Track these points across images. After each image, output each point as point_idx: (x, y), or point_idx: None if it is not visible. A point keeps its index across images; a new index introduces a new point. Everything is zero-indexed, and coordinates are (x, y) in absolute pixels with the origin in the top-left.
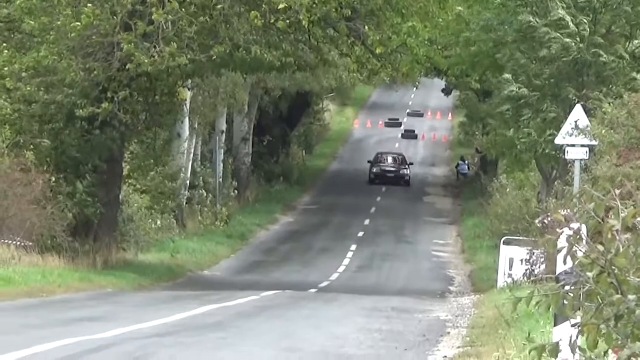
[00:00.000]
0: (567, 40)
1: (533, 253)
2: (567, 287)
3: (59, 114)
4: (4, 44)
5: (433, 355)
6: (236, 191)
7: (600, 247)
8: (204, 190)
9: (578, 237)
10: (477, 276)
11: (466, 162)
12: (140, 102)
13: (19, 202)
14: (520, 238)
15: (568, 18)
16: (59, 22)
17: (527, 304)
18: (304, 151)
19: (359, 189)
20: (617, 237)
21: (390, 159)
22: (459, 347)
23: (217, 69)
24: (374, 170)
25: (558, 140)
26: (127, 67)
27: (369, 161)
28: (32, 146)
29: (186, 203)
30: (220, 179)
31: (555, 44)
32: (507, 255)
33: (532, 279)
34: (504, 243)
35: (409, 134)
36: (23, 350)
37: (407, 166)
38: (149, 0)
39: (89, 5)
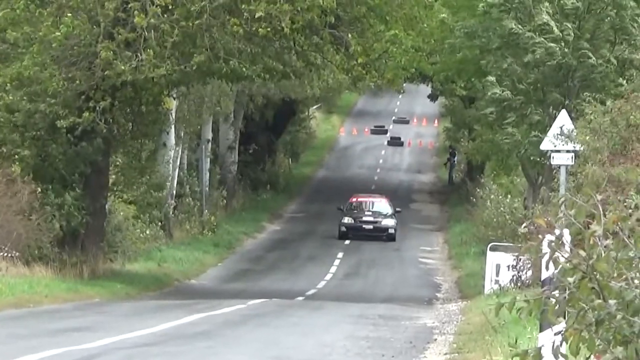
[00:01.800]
0: (552, 45)
1: (520, 259)
2: (549, 293)
3: (42, 122)
4: None
5: None
6: (224, 200)
7: (582, 253)
8: (190, 199)
9: (560, 242)
10: (464, 283)
11: (454, 152)
12: (125, 112)
13: (5, 213)
14: (507, 244)
15: (552, 23)
16: (40, 33)
17: (509, 310)
18: (290, 159)
19: (346, 196)
20: (599, 243)
21: (369, 205)
22: (445, 353)
23: (202, 77)
24: (346, 221)
25: (544, 145)
26: (105, 74)
27: (339, 208)
28: (16, 157)
29: (173, 212)
30: (207, 188)
31: (539, 49)
32: (494, 261)
33: (519, 285)
34: (490, 249)
35: (395, 141)
36: None
37: (392, 214)
38: (131, 7)
39: (69, 15)
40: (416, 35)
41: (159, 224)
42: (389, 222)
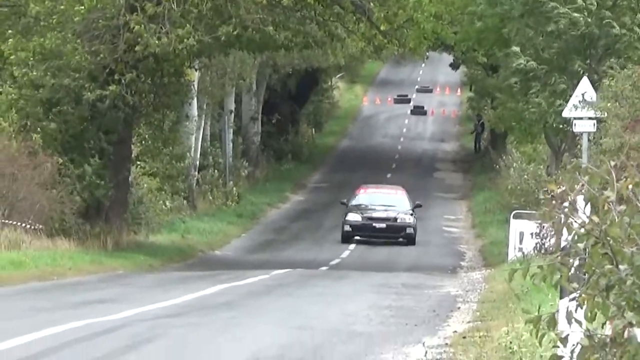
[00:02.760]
0: (576, 14)
1: (543, 226)
2: (563, 259)
3: (67, 97)
4: (10, 31)
5: (443, 330)
6: (246, 171)
7: (596, 219)
8: (214, 170)
9: (573, 208)
10: (488, 251)
11: (481, 121)
12: (148, 83)
13: (28, 186)
14: (531, 212)
15: None
16: (62, 7)
17: (524, 276)
18: (313, 129)
19: (369, 165)
20: (613, 209)
21: (380, 199)
22: (469, 322)
23: (224, 48)
24: (351, 218)
25: (565, 113)
26: (135, 48)
27: (342, 202)
28: (39, 129)
29: (196, 184)
30: (230, 159)
31: (563, 19)
32: (518, 229)
33: (542, 252)
34: (514, 217)
35: (418, 110)
36: (34, 333)
37: (411, 211)
38: None
39: None
40: (438, 2)
41: (183, 195)
42: (407, 220)
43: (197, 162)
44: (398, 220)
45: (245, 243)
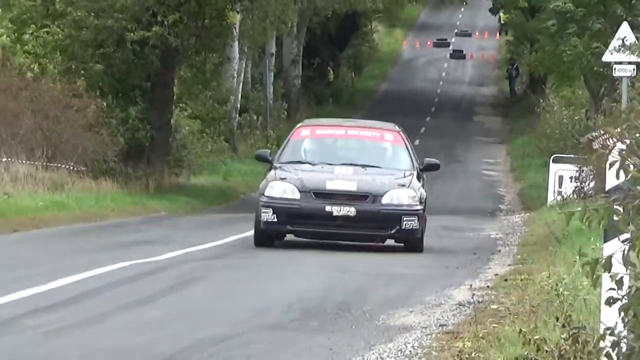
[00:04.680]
0: None
1: (582, 170)
2: (618, 202)
3: (110, 38)
4: None
5: (484, 273)
6: (286, 113)
7: None
8: (255, 113)
9: (631, 151)
10: (527, 194)
11: (515, 64)
12: (190, 26)
13: (72, 128)
14: (570, 156)
15: None
16: None
17: (580, 219)
18: (353, 72)
19: (409, 109)
20: None
21: (347, 152)
22: (509, 264)
23: None
24: (276, 194)
25: (605, 57)
26: None
27: (259, 155)
28: (83, 72)
29: (237, 127)
30: (271, 102)
31: None
32: (557, 172)
33: (581, 196)
34: (553, 161)
35: (458, 54)
36: (77, 274)
37: (416, 178)
38: None
39: None
40: None
41: (224, 137)
42: (405, 199)
43: (239, 105)
44: (383, 200)
45: None
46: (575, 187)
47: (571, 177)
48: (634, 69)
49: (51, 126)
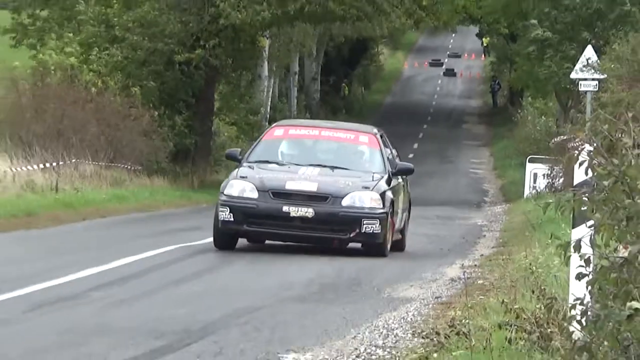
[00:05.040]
0: None
1: (553, 169)
2: (586, 194)
3: (160, 59)
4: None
5: (472, 254)
6: None
7: (615, 161)
8: None
9: (597, 152)
10: (507, 189)
11: (497, 80)
12: (227, 49)
13: (130, 134)
14: (542, 157)
15: None
16: None
17: (555, 209)
18: (363, 88)
19: (409, 118)
20: (629, 152)
21: (318, 153)
22: (493, 247)
23: (291, 21)
24: (234, 193)
25: (573, 75)
26: (218, 20)
27: (229, 154)
28: (139, 87)
29: None
30: (295, 112)
31: None
32: (532, 171)
33: (552, 190)
34: (529, 161)
35: (449, 73)
36: (135, 255)
37: (385, 181)
38: None
39: None
40: None
41: None
42: (368, 202)
43: (268, 115)
44: (344, 202)
45: None
46: (547, 183)
47: (544, 175)
48: (596, 85)
49: (112, 133)
